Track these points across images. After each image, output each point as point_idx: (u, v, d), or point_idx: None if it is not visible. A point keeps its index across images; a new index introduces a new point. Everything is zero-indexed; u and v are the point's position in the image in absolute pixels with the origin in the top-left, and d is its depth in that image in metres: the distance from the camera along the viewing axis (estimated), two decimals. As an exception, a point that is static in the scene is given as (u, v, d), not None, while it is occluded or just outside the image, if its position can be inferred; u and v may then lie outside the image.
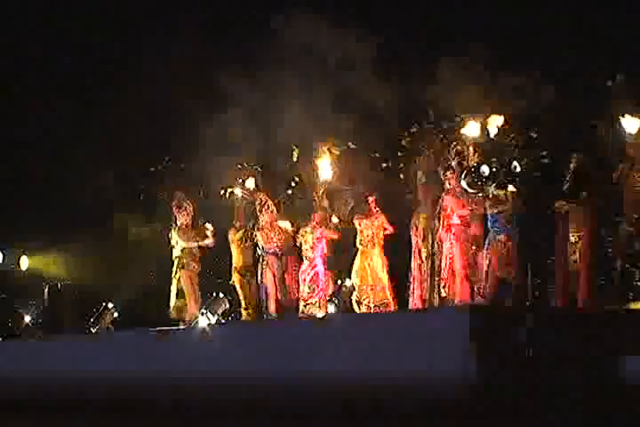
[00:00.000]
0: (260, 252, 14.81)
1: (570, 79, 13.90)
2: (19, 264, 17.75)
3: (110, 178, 16.27)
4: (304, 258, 14.39)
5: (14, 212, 19.01)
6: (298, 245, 14.46)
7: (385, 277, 13.94)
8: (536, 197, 12.70)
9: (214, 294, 15.07)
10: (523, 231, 12.69)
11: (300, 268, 14.50)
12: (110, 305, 16.18)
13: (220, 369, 12.54)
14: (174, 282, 15.13)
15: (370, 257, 14.00)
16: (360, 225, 14.08)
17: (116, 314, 16.20)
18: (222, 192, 15.26)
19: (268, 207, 14.76)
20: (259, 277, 14.80)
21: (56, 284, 17.07)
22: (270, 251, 14.71)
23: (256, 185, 15.21)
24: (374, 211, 14.07)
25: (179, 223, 15.11)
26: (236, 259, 14.98)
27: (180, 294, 15.10)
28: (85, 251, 18.08)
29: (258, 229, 14.75)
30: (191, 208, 15.18)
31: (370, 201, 14.10)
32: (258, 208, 14.79)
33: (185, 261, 15.02)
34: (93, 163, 17.68)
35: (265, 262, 14.75)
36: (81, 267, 18.02)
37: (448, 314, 11.25)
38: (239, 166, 15.24)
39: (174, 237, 15.12)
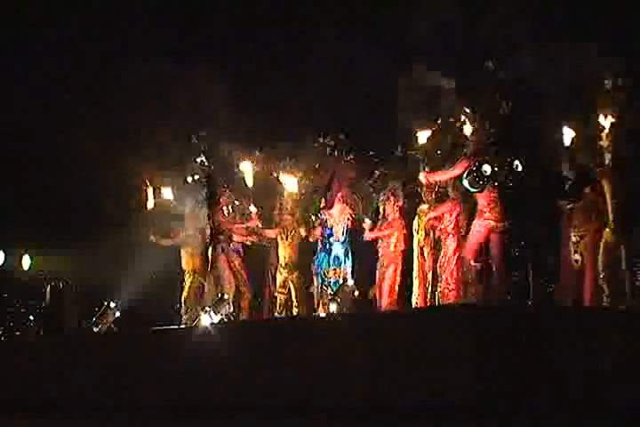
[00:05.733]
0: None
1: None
2: (20, 264, 17.75)
3: (111, 177, 16.22)
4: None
5: (16, 211, 19.03)
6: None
7: None
8: (537, 195, 12.68)
9: (219, 295, 15.06)
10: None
11: None
12: (112, 304, 16.14)
13: (219, 369, 12.54)
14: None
15: None
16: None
17: (118, 313, 16.17)
18: None
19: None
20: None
21: (58, 283, 17.06)
22: None
23: None
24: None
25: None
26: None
27: None
28: (87, 250, 18.07)
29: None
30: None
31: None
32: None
33: None
34: (94, 162, 17.67)
35: None
36: (83, 266, 18.01)
37: (448, 313, 11.21)
38: None
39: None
